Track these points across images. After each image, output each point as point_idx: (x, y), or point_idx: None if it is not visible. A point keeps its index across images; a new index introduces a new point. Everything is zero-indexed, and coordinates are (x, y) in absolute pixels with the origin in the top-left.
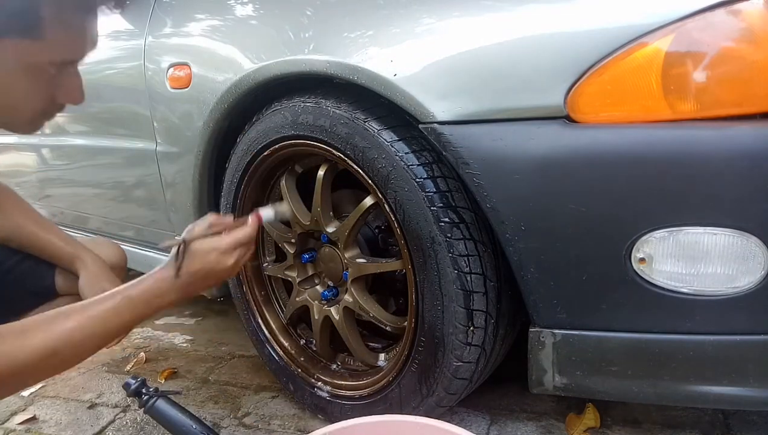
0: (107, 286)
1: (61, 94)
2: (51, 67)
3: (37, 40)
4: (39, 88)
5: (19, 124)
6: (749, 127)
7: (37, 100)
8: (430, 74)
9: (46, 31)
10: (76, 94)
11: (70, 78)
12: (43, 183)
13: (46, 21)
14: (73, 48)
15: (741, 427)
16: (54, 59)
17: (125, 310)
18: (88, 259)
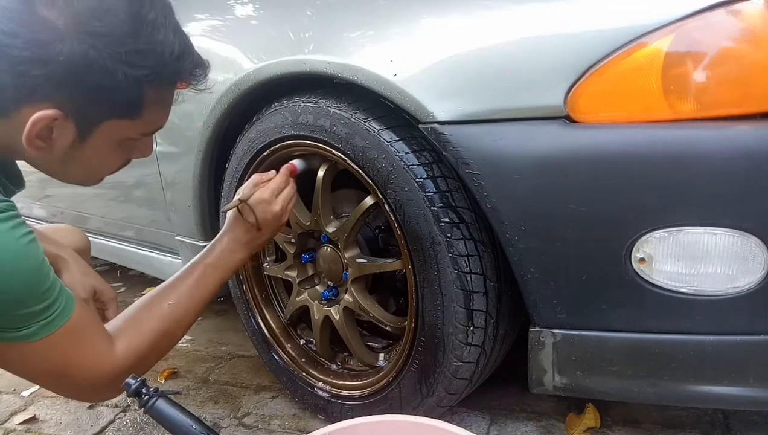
0: (95, 283)
1: (136, 153)
2: (140, 136)
3: (135, 119)
4: (122, 155)
5: (90, 183)
6: (749, 127)
7: (116, 165)
8: (430, 74)
9: (145, 111)
10: (149, 150)
11: (147, 139)
12: (43, 183)
13: (147, 103)
14: (162, 121)
15: (741, 427)
16: (144, 132)
17: (208, 278)
18: (68, 257)
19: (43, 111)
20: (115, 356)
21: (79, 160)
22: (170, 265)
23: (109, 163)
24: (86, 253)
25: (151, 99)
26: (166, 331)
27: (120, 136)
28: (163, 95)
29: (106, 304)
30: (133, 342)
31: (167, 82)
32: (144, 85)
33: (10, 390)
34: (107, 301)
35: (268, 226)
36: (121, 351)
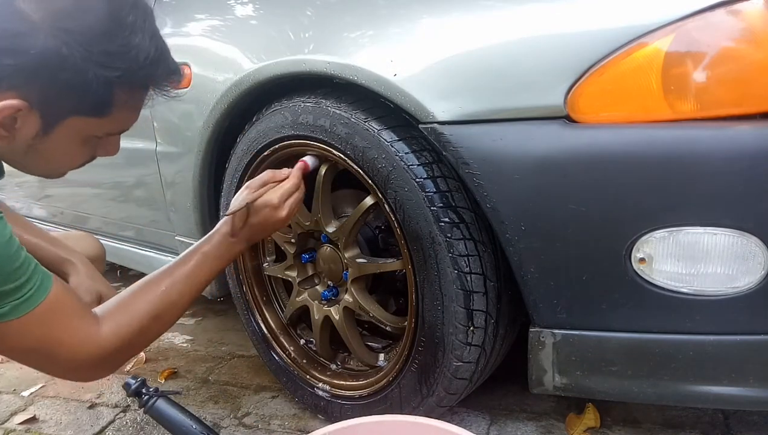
0: (101, 287)
1: (101, 150)
2: (107, 135)
3: (103, 118)
4: (86, 152)
5: (54, 176)
6: (749, 127)
7: (80, 161)
8: (430, 74)
9: (113, 111)
10: (115, 149)
11: (114, 137)
12: (43, 183)
13: (116, 103)
14: (129, 121)
15: (741, 427)
16: (110, 132)
17: (205, 266)
18: (77, 261)
19: (9, 100)
20: (101, 337)
21: (42, 152)
22: None
23: (72, 158)
24: (99, 260)
25: (121, 100)
26: (156, 314)
27: (85, 134)
28: (133, 98)
29: None
30: (121, 324)
31: (139, 86)
32: (114, 87)
33: (10, 390)
34: None
35: (270, 227)
36: (107, 332)
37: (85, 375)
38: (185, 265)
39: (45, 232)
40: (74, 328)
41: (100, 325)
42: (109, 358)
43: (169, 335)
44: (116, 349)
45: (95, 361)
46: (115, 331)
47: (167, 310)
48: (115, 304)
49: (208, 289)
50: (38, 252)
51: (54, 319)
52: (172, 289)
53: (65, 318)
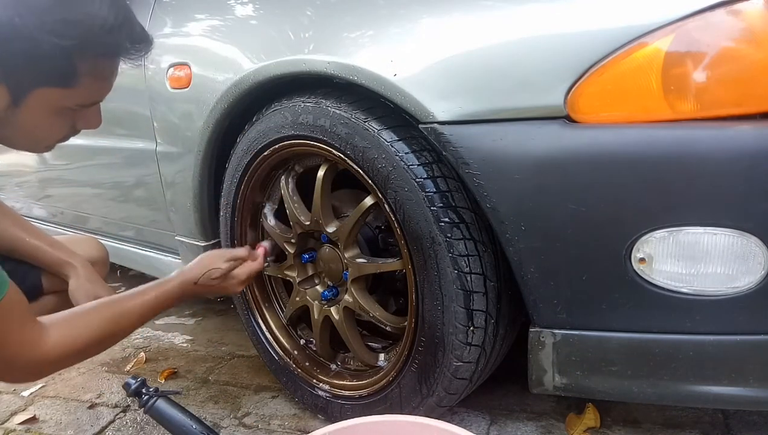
0: (99, 290)
1: (82, 122)
2: (79, 107)
3: (70, 88)
4: (63, 123)
5: (38, 150)
6: (749, 127)
7: (60, 133)
8: (430, 74)
9: (79, 82)
10: (96, 121)
11: (92, 109)
12: (43, 183)
13: (80, 73)
14: (101, 92)
15: (741, 427)
16: (82, 103)
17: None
18: (78, 264)
19: None
20: (45, 343)
21: (17, 124)
22: (170, 264)
23: (51, 131)
24: (102, 263)
25: (86, 70)
26: (101, 338)
27: (56, 105)
28: (99, 67)
29: None
30: (67, 337)
31: (102, 54)
32: (74, 56)
33: (10, 390)
34: None
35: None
36: (52, 342)
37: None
38: (142, 297)
39: (46, 234)
40: (20, 332)
41: (45, 333)
42: (46, 366)
43: (169, 335)
44: (55, 359)
45: (33, 367)
46: (59, 342)
47: (111, 336)
48: (65, 318)
49: None
50: (38, 254)
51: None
52: (122, 318)
53: (13, 322)
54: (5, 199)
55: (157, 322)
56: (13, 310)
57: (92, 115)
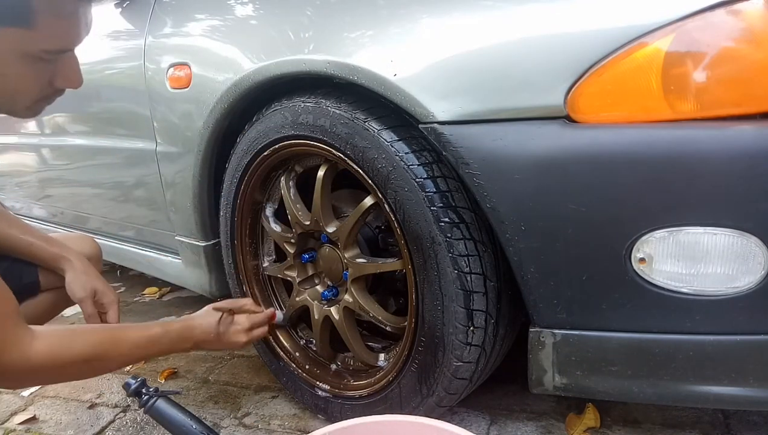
0: (96, 283)
1: (59, 79)
2: (46, 54)
3: (30, 29)
4: (35, 74)
5: (18, 110)
6: (749, 127)
7: (34, 86)
8: (430, 74)
9: (38, 21)
10: (74, 78)
11: (66, 63)
12: (43, 183)
13: (37, 11)
14: (66, 37)
15: (741, 427)
16: (48, 48)
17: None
18: (73, 257)
19: None
20: (31, 349)
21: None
22: (170, 264)
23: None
24: (95, 260)
25: (43, 8)
26: (87, 357)
27: (20, 49)
28: (57, 5)
29: (107, 306)
30: (54, 346)
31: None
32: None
33: (10, 390)
34: (107, 303)
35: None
36: (39, 348)
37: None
38: (140, 330)
39: (39, 231)
40: (7, 331)
41: (33, 338)
42: (28, 373)
43: None
44: (38, 367)
45: (13, 370)
46: (47, 350)
47: (99, 359)
48: (57, 330)
49: (208, 289)
50: (33, 251)
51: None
52: (114, 344)
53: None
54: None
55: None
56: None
57: (69, 70)
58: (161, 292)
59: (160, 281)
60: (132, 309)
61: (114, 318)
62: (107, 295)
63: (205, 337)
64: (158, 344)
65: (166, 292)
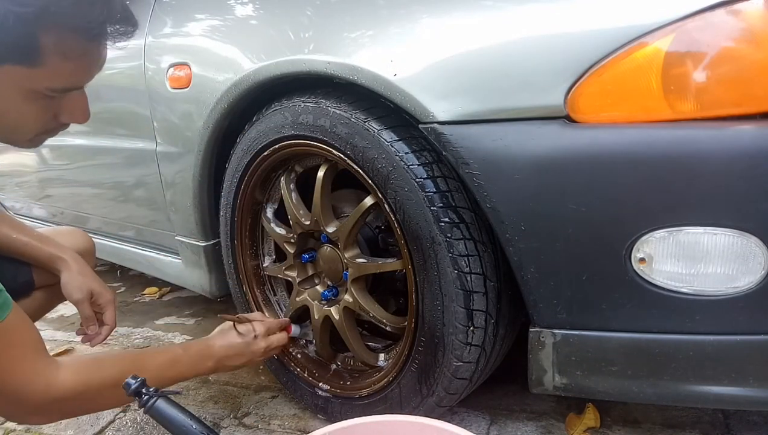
0: (92, 284)
1: (65, 114)
2: (51, 92)
3: (36, 67)
4: (38, 111)
5: (20, 141)
6: (749, 127)
7: (36, 122)
8: (430, 74)
9: (45, 60)
10: (80, 114)
11: (73, 98)
12: (43, 183)
13: (45, 50)
14: (74, 76)
15: (741, 427)
16: (54, 86)
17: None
18: (68, 258)
19: None
20: (57, 380)
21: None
22: (170, 264)
23: (25, 119)
24: (89, 254)
25: (51, 47)
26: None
27: (25, 86)
28: (66, 45)
29: (104, 306)
30: (82, 376)
31: (67, 30)
32: (33, 27)
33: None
34: (104, 303)
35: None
36: (66, 378)
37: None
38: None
39: (34, 230)
40: (28, 361)
41: (59, 368)
42: (56, 404)
43: (169, 335)
44: (66, 396)
45: (41, 402)
46: (74, 378)
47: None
48: (85, 357)
49: (208, 289)
50: (28, 250)
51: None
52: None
53: (19, 348)
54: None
55: (157, 322)
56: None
57: (75, 106)
58: (161, 292)
59: (160, 281)
60: (132, 309)
61: (111, 319)
62: (104, 296)
63: (225, 351)
64: (180, 364)
65: (166, 292)
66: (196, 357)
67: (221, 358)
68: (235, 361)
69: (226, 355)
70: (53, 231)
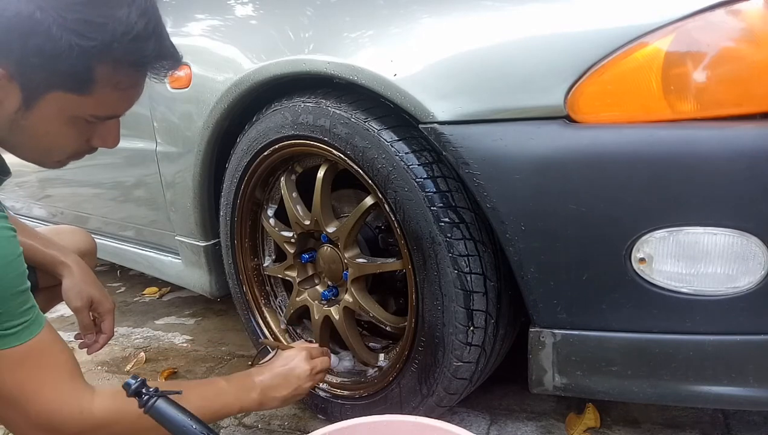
0: (93, 292)
1: (97, 138)
2: (94, 118)
3: (85, 96)
4: (76, 135)
5: (48, 163)
6: (749, 127)
7: (71, 146)
8: (430, 74)
9: (95, 90)
10: (112, 140)
11: (109, 125)
12: (43, 183)
13: (98, 80)
14: (119, 105)
15: (741, 427)
16: (98, 114)
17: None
18: (72, 264)
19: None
20: (92, 406)
21: (26, 129)
22: (170, 264)
23: (62, 142)
24: (91, 254)
25: (104, 78)
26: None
27: (69, 113)
28: (118, 77)
29: (103, 315)
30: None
31: (123, 63)
32: (92, 60)
33: None
34: (103, 312)
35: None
36: (101, 406)
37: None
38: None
39: (38, 232)
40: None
41: (94, 394)
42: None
43: (169, 335)
44: (100, 423)
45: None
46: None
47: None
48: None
49: (208, 289)
50: (31, 253)
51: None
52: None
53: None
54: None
55: (157, 322)
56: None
57: (109, 132)
58: (161, 292)
59: (160, 281)
60: (132, 309)
61: (109, 328)
62: (103, 305)
63: (269, 381)
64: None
65: (166, 292)
66: (238, 387)
67: (265, 389)
68: (281, 391)
69: (270, 384)
70: (55, 230)
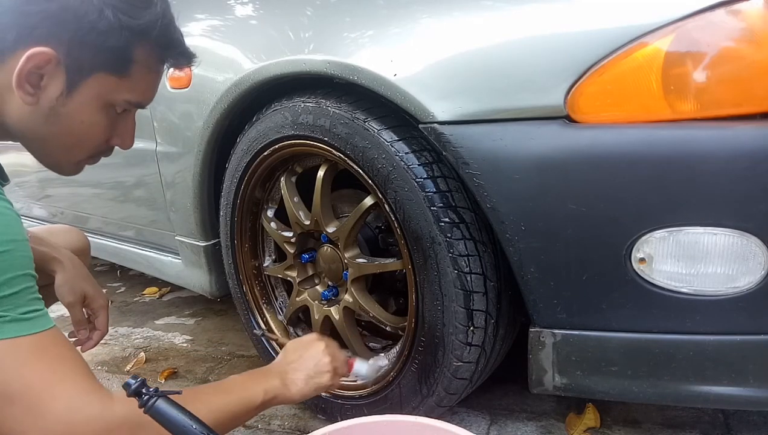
0: (87, 287)
1: (116, 137)
2: (126, 104)
3: (123, 77)
4: (105, 126)
5: (66, 165)
6: (749, 127)
7: (98, 139)
8: (430, 74)
9: (132, 72)
10: (128, 139)
11: (129, 121)
12: (43, 183)
13: (135, 62)
14: (148, 90)
15: (741, 427)
16: (131, 99)
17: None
18: (64, 259)
19: (40, 47)
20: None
21: (64, 119)
22: (170, 264)
23: (91, 133)
24: (85, 253)
25: (141, 59)
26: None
27: (105, 97)
28: (151, 59)
29: (96, 311)
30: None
31: (157, 47)
32: (135, 39)
33: None
34: (97, 308)
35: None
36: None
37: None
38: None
39: (29, 230)
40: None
41: (112, 398)
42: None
43: (169, 335)
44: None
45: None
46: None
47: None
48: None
49: (208, 289)
50: None
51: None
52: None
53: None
54: None
55: (157, 322)
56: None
57: (127, 130)
58: (161, 292)
59: (160, 281)
60: (132, 309)
61: (103, 324)
62: (97, 300)
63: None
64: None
65: (166, 292)
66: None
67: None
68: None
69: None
70: (48, 229)
